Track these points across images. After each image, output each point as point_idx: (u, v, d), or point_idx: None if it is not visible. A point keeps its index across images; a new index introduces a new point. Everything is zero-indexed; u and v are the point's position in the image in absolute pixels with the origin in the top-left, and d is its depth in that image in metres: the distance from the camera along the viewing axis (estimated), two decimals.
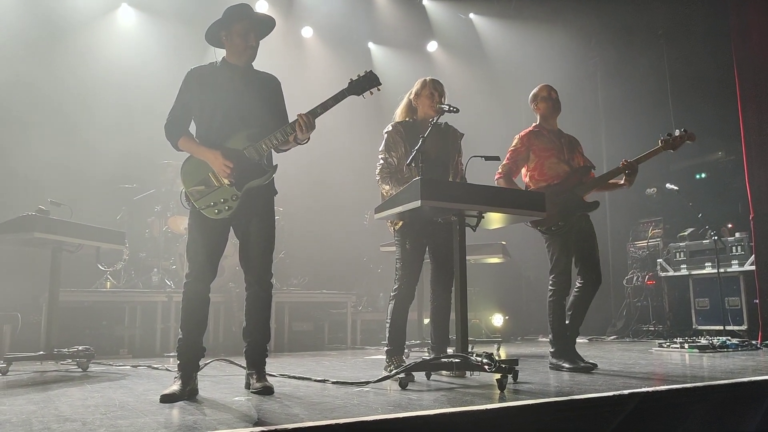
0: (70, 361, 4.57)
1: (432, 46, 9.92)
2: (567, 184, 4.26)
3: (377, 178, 4.02)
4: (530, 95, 4.53)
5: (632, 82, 8.70)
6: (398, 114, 4.17)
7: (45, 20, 7.19)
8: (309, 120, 3.15)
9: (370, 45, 9.75)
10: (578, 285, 4.31)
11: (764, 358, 4.77)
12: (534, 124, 4.50)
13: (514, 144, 4.42)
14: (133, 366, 4.74)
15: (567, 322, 4.27)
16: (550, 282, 4.25)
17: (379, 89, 3.35)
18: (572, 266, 4.25)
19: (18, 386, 3.58)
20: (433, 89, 4.02)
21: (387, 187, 3.91)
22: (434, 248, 4.02)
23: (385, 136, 4.06)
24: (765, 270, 6.19)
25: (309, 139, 3.25)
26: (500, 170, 4.38)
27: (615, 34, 8.96)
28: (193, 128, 3.35)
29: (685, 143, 4.27)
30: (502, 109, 9.73)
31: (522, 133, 4.43)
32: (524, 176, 4.43)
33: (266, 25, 3.40)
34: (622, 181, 4.31)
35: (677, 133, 4.25)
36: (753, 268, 6.41)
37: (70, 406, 2.77)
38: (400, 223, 3.88)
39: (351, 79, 3.32)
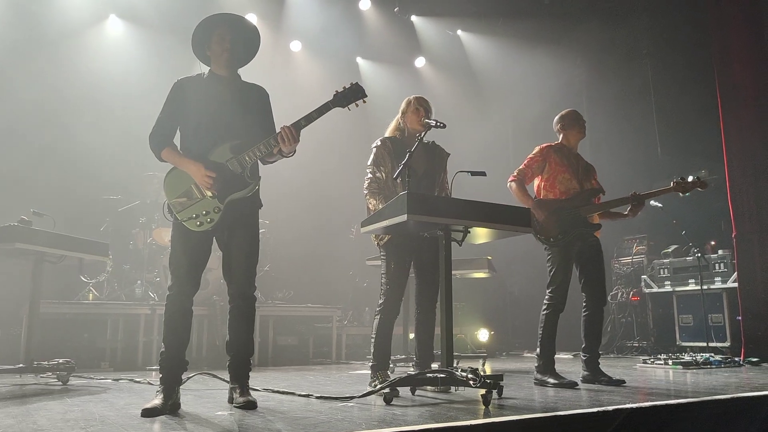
0: (50, 374, 4.48)
1: (420, 62, 10.00)
2: (573, 202, 4.34)
3: (365, 192, 4.01)
4: (557, 117, 4.60)
5: (617, 101, 8.81)
6: (388, 132, 4.18)
7: (33, 30, 7.17)
8: (292, 132, 3.13)
9: (359, 60, 9.81)
10: (584, 304, 4.39)
11: (747, 374, 4.80)
12: (556, 142, 4.56)
13: (533, 152, 4.50)
14: (114, 379, 4.68)
15: (583, 344, 4.35)
16: (547, 296, 4.29)
17: (364, 101, 3.33)
18: (569, 283, 4.28)
19: None
20: (418, 105, 4.04)
21: (374, 202, 3.91)
22: (419, 263, 4.01)
23: (374, 150, 4.07)
24: (747, 287, 6.26)
25: (295, 151, 3.24)
26: (515, 174, 4.43)
27: (600, 53, 9.10)
28: (178, 139, 3.33)
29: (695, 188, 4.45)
30: (488, 124, 9.82)
31: (543, 145, 4.52)
32: (536, 186, 4.50)
33: (243, 26, 3.36)
34: (626, 212, 4.44)
35: (690, 179, 4.40)
36: (736, 285, 6.48)
37: (49, 420, 2.73)
38: (386, 238, 3.88)
39: (336, 91, 3.30)
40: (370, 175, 4.02)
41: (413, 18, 9.55)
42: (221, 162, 3.16)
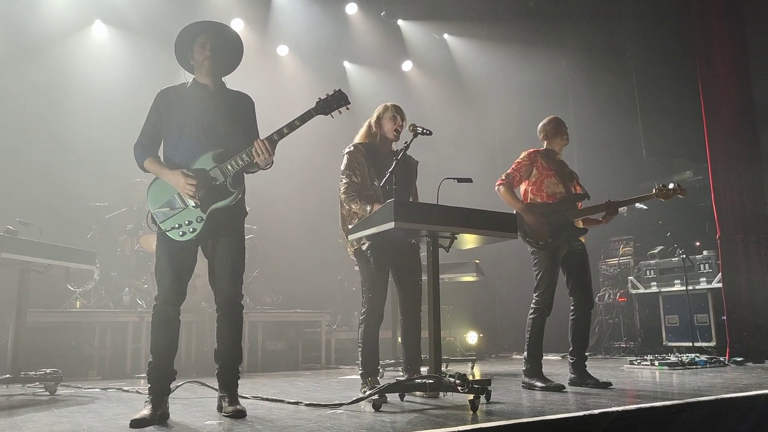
0: (38, 384, 4.46)
1: (407, 66, 10.03)
2: (561, 206, 4.38)
3: (342, 197, 4.00)
4: (541, 126, 4.65)
5: (603, 104, 8.89)
6: (359, 138, 4.18)
7: (17, 35, 7.12)
8: (265, 146, 3.11)
9: (346, 64, 9.83)
10: (571, 308, 4.42)
11: (732, 375, 4.86)
12: (543, 148, 4.61)
13: (521, 156, 4.54)
14: (102, 389, 4.65)
15: (570, 347, 4.39)
16: (534, 300, 4.31)
17: (348, 108, 3.32)
18: (556, 286, 4.31)
19: None
20: (396, 112, 4.06)
21: (354, 207, 3.91)
22: (398, 269, 4.02)
23: (346, 156, 4.06)
24: (732, 288, 6.34)
25: (272, 163, 3.23)
26: (503, 177, 4.46)
27: (586, 56, 9.17)
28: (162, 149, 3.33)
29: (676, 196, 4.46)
30: (475, 128, 9.86)
31: (531, 150, 4.56)
32: (523, 191, 4.53)
33: (224, 34, 3.34)
34: (600, 218, 4.49)
35: (671, 186, 4.43)
36: (720, 285, 6.55)
37: None
38: (367, 244, 3.88)
39: (319, 98, 3.28)
40: (346, 180, 4.00)
41: (400, 22, 9.58)
42: (204, 171, 3.16)
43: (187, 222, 3.13)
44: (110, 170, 6.96)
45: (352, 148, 4.07)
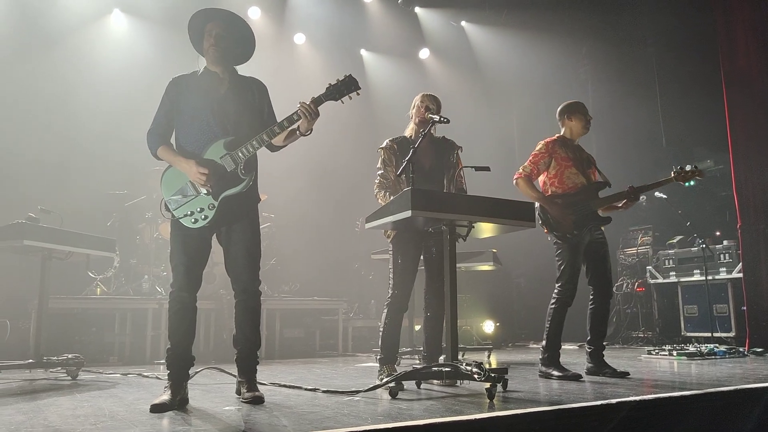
0: (60, 369, 4.55)
1: (424, 54, 9.97)
2: (583, 196, 4.33)
3: (375, 192, 4.04)
4: (563, 106, 4.56)
5: (623, 92, 8.79)
6: (406, 131, 4.19)
7: (36, 25, 7.18)
8: (312, 108, 3.13)
9: (363, 52, 9.79)
10: (590, 297, 4.41)
11: (751, 365, 4.81)
12: (558, 135, 4.53)
13: (538, 148, 4.45)
14: (123, 374, 4.72)
15: (588, 336, 4.38)
16: (556, 290, 4.29)
17: (358, 94, 3.29)
18: (579, 277, 4.29)
19: (6, 395, 3.56)
20: (421, 102, 4.05)
21: (381, 201, 3.94)
22: (428, 258, 4.03)
23: (381, 152, 4.10)
24: (752, 278, 6.26)
25: (312, 130, 3.23)
26: (521, 171, 4.40)
27: (606, 44, 9.07)
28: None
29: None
30: (493, 116, 9.80)
31: (548, 140, 4.48)
32: (542, 182, 4.47)
33: (231, 22, 3.32)
34: (620, 204, 4.45)
35: (688, 168, 4.39)
36: (740, 275, 6.48)
37: (60, 416, 2.77)
38: (393, 233, 3.90)
39: (329, 84, 3.26)
40: (379, 177, 4.05)
41: (417, 9, 9.53)
42: (215, 159, 3.17)
43: (199, 209, 3.16)
44: (129, 158, 7.02)
45: (383, 145, 4.11)
